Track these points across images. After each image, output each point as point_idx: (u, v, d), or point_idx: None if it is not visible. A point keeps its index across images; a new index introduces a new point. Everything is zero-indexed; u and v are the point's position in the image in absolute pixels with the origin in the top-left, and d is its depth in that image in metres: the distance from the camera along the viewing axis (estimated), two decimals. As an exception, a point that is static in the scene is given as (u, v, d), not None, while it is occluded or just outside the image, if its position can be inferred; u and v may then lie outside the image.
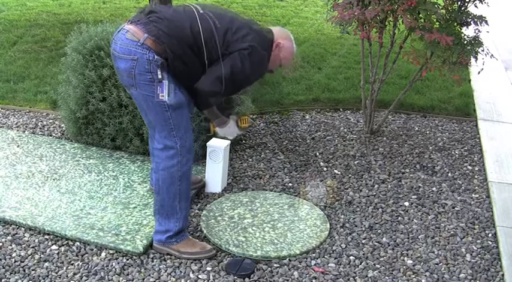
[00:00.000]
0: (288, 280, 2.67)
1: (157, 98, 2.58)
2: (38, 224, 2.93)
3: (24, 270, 2.66)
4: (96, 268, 2.69)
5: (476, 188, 3.60)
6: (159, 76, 2.56)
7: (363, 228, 3.09)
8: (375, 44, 3.96)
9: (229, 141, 3.39)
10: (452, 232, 3.10)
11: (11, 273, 2.63)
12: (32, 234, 2.91)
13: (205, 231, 2.97)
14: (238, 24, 2.67)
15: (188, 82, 2.69)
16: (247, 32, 2.66)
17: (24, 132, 4.11)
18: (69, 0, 8.54)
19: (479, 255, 2.92)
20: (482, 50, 3.69)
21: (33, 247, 2.82)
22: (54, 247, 2.82)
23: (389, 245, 2.96)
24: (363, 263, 2.81)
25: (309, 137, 4.21)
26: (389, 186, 3.55)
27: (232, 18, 2.72)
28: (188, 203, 2.81)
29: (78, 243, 2.85)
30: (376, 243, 2.97)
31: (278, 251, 2.84)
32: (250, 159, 3.82)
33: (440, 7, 3.64)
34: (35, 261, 2.72)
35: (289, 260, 2.80)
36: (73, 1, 8.52)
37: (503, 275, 2.78)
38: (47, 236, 2.89)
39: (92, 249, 2.81)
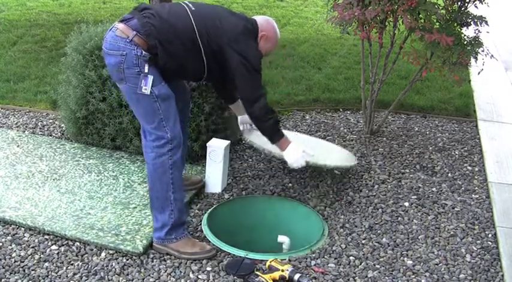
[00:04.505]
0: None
1: (140, 90, 2.67)
2: (38, 224, 2.93)
3: (24, 270, 2.66)
4: (96, 268, 2.68)
5: (476, 188, 3.59)
6: (146, 70, 2.66)
7: (363, 229, 3.09)
8: (375, 44, 3.96)
9: (229, 141, 3.39)
10: (452, 232, 3.10)
11: (11, 273, 2.63)
12: (32, 234, 2.91)
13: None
14: (226, 18, 2.83)
15: (176, 76, 2.85)
16: (236, 23, 2.82)
17: (24, 132, 4.11)
18: (69, 0, 8.55)
19: (479, 256, 2.92)
20: (482, 51, 3.69)
21: (33, 247, 2.82)
22: (54, 247, 2.82)
23: (389, 246, 2.96)
24: (362, 263, 2.81)
25: (309, 137, 4.21)
26: (389, 186, 3.55)
27: (220, 12, 2.89)
28: (182, 195, 2.84)
29: (78, 243, 2.85)
30: (376, 244, 2.97)
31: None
32: (250, 159, 3.82)
33: (441, 7, 3.64)
34: (35, 261, 2.72)
35: (289, 260, 2.80)
36: (73, 1, 8.52)
37: (503, 275, 2.78)
38: (46, 236, 2.89)
39: (92, 249, 2.81)
